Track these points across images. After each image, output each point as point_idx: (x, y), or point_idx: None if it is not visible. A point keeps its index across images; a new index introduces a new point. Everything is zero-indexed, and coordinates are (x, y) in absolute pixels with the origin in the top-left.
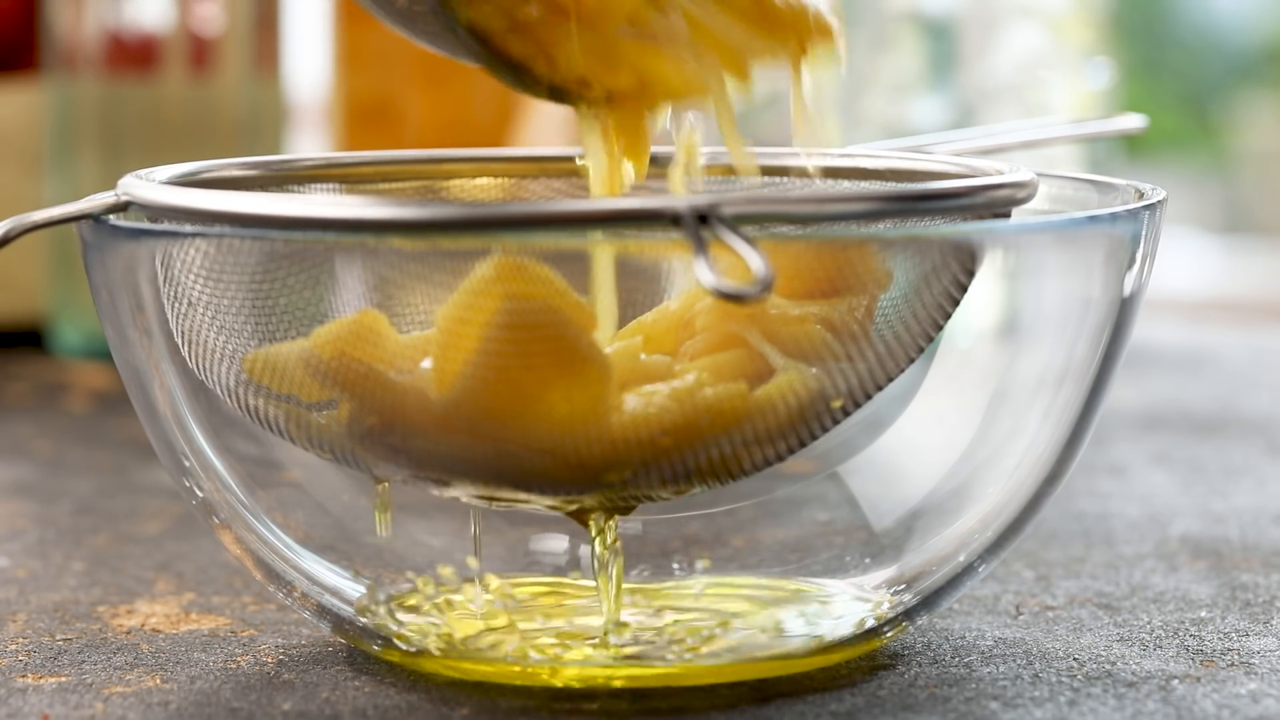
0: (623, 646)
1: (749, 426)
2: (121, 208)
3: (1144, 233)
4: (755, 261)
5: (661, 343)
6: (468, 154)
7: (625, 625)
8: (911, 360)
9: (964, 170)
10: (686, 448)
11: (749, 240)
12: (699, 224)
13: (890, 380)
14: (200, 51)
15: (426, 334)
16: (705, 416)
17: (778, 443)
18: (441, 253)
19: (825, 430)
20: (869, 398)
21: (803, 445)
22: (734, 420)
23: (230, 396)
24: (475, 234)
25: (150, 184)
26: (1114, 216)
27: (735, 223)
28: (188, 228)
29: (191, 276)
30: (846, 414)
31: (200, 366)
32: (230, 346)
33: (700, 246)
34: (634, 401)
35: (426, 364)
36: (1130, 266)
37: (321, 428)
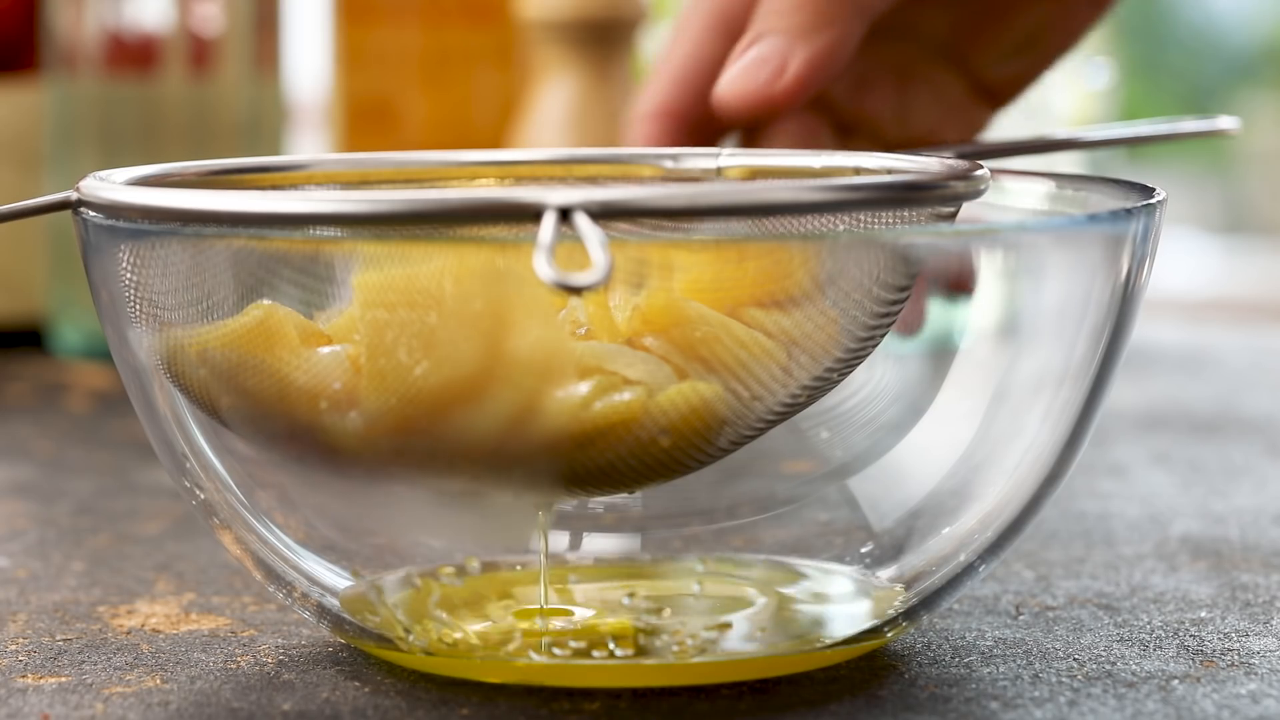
0: (623, 646)
1: (643, 433)
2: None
3: (1144, 233)
4: (597, 254)
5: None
6: (467, 155)
7: (625, 625)
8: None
9: (895, 166)
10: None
11: (602, 237)
12: (560, 219)
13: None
14: (200, 51)
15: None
16: (601, 427)
17: (687, 450)
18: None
19: (740, 439)
20: (782, 413)
21: (716, 452)
22: (626, 430)
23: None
24: (338, 227)
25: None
26: (1114, 216)
27: (601, 217)
28: (187, 228)
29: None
30: (760, 427)
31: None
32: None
33: (551, 239)
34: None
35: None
36: (1130, 266)
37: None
